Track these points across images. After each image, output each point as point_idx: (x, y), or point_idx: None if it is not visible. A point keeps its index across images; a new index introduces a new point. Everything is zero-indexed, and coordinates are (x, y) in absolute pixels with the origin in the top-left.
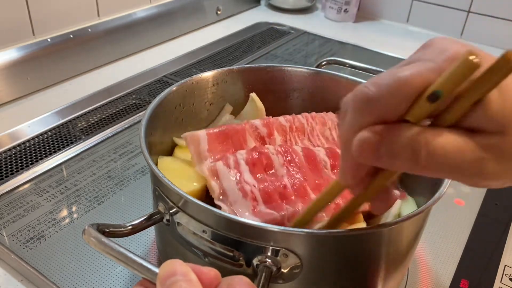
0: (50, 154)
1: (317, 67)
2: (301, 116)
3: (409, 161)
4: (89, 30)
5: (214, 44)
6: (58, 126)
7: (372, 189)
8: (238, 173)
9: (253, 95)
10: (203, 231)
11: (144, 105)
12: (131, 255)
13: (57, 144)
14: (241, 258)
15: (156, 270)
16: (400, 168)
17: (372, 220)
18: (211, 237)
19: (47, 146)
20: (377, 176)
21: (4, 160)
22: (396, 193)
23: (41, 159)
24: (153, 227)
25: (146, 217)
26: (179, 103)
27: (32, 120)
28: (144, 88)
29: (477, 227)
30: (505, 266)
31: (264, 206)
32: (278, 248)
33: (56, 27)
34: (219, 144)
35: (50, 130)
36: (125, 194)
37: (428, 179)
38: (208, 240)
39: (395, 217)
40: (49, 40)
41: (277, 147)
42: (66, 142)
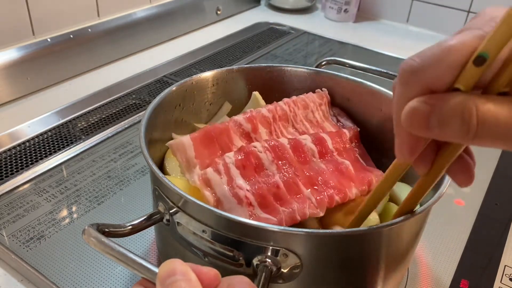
0: (50, 154)
1: (317, 67)
2: (283, 103)
3: (460, 130)
4: (89, 30)
5: (214, 44)
6: (58, 126)
7: (438, 166)
8: (230, 179)
9: (256, 94)
10: (203, 231)
11: (144, 105)
12: (131, 255)
13: (57, 144)
14: (241, 258)
15: (156, 269)
16: (452, 138)
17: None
18: (211, 237)
19: (47, 146)
20: (441, 152)
21: (4, 160)
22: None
23: (41, 159)
24: (153, 227)
25: (146, 217)
26: (179, 103)
27: (32, 120)
28: (144, 88)
29: (477, 227)
30: (505, 266)
31: (260, 210)
32: (278, 248)
33: (56, 27)
34: (205, 148)
35: (50, 130)
36: (125, 194)
37: None
38: (208, 240)
39: (374, 221)
40: (49, 40)
41: (264, 144)
42: (66, 142)
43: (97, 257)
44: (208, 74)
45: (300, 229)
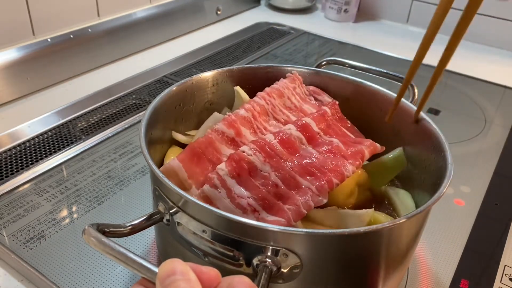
0: (50, 154)
1: (317, 67)
2: (258, 98)
3: None
4: (89, 30)
5: (214, 44)
6: (58, 126)
7: None
8: (228, 190)
9: (237, 88)
10: (203, 231)
11: (144, 105)
12: (131, 255)
13: (57, 144)
14: (241, 258)
15: (156, 269)
16: None
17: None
18: (211, 237)
19: (47, 146)
20: None
21: (4, 160)
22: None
23: (41, 159)
24: (153, 227)
25: (146, 217)
26: (179, 103)
27: (32, 120)
28: (144, 88)
29: (477, 227)
30: (505, 266)
31: (266, 213)
32: (278, 248)
33: (56, 27)
34: (196, 166)
35: (50, 130)
36: (125, 194)
37: (428, 179)
38: (208, 240)
39: (368, 224)
40: (49, 40)
41: (252, 145)
42: (66, 142)
43: (97, 257)
44: (208, 74)
45: (300, 229)
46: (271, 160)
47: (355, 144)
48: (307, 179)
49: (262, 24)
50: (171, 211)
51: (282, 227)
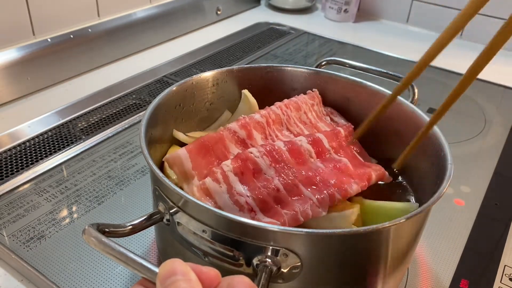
0: (50, 154)
1: (317, 67)
2: (275, 107)
3: None
4: (89, 30)
5: (214, 44)
6: (58, 126)
7: None
8: (229, 186)
9: (245, 92)
10: (203, 231)
11: (144, 105)
12: (131, 255)
13: (57, 144)
14: (241, 258)
15: (156, 269)
16: None
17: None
18: (211, 237)
19: (47, 146)
20: None
21: (4, 160)
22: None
23: (41, 159)
24: (153, 227)
25: (146, 217)
26: (179, 103)
27: (32, 120)
28: (144, 88)
29: (477, 227)
30: (505, 266)
31: (263, 215)
32: (278, 248)
33: (56, 27)
34: (202, 158)
35: (50, 130)
36: (125, 194)
37: (428, 179)
38: (208, 240)
39: (356, 221)
40: (49, 40)
41: (260, 148)
42: (66, 142)
43: (97, 257)
44: (208, 74)
45: (300, 229)
46: (277, 165)
47: (364, 166)
48: (309, 189)
49: (262, 24)
50: (171, 211)
51: (282, 227)
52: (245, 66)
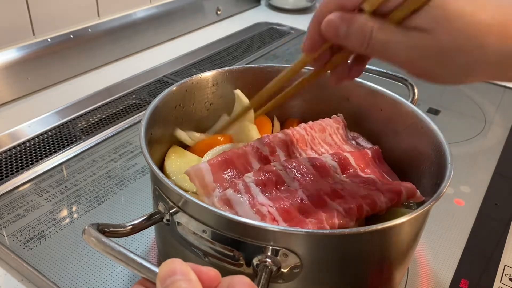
0: (50, 154)
1: None
2: (299, 128)
3: (358, 43)
4: (89, 30)
5: (214, 44)
6: (58, 126)
7: (330, 65)
8: (251, 197)
9: (237, 92)
10: (203, 231)
11: (144, 105)
12: (131, 255)
13: (57, 144)
14: (241, 258)
15: (156, 269)
16: (352, 47)
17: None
18: (211, 237)
19: (47, 146)
20: (335, 55)
21: (4, 160)
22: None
23: (41, 159)
24: (153, 227)
25: (146, 217)
26: (179, 103)
27: (32, 120)
28: (144, 88)
29: (477, 227)
30: (505, 266)
31: (285, 224)
32: (278, 248)
33: (56, 27)
34: (224, 172)
35: (50, 130)
36: (125, 194)
37: (428, 179)
38: (208, 240)
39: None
40: (49, 40)
41: (283, 162)
42: (66, 142)
43: (97, 257)
44: (208, 74)
45: (300, 229)
46: (301, 178)
47: (393, 183)
48: (335, 201)
49: (262, 24)
50: (171, 211)
51: (282, 227)
52: (245, 66)
